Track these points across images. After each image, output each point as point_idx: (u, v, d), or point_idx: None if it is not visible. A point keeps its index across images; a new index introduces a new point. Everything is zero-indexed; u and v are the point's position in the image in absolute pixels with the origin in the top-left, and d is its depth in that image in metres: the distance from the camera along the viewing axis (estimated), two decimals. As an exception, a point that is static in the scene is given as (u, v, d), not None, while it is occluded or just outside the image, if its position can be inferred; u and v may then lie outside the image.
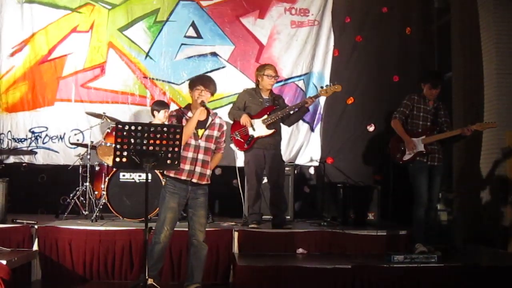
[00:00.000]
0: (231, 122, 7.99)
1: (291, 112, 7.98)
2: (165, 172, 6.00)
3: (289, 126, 8.63)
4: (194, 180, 5.93)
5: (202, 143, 5.94)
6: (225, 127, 6.26)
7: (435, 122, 7.22)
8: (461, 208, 8.62)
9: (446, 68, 9.48)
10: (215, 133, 6.11)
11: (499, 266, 6.75)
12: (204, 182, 6.01)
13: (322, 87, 7.86)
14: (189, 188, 5.94)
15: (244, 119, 7.72)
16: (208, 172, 6.06)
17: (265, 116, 7.76)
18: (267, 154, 7.83)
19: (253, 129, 7.74)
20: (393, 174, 8.67)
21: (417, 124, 7.25)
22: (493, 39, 8.17)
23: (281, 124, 8.12)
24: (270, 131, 7.76)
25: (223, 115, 9.34)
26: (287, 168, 8.64)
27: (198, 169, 5.93)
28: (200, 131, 5.91)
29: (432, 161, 7.16)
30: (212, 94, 6.23)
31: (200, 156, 5.91)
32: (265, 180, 8.12)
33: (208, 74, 9.55)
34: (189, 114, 6.00)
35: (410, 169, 7.25)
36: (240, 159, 9.39)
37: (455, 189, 8.86)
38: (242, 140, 7.80)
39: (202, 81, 6.16)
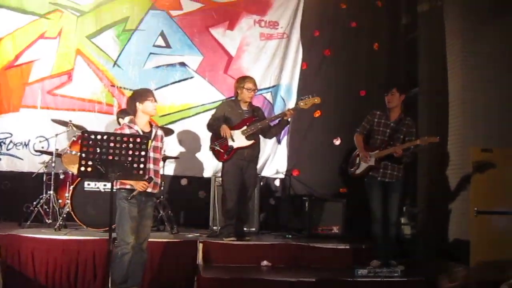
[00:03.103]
0: (210, 133, 7.97)
1: (271, 124, 8.00)
2: (118, 185, 5.97)
3: (270, 138, 8.72)
4: (149, 190, 6.05)
5: (151, 154, 6.04)
6: (164, 138, 6.49)
7: (393, 137, 7.22)
8: (425, 223, 8.68)
9: (412, 83, 9.57)
10: (159, 144, 6.29)
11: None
12: (156, 191, 6.23)
13: (301, 99, 7.81)
14: (143, 198, 6.03)
15: (224, 130, 7.69)
16: (159, 181, 6.33)
17: (245, 127, 7.74)
18: (245, 166, 7.82)
19: (233, 140, 7.70)
20: (358, 188, 8.72)
21: (376, 139, 7.30)
22: (459, 55, 8.27)
23: (261, 136, 8.11)
24: (250, 142, 7.74)
25: (190, 125, 9.43)
26: (253, 180, 8.65)
27: (154, 179, 6.03)
28: (149, 143, 5.89)
29: (383, 177, 7.18)
30: None
31: (151, 166, 6.02)
32: None
33: (176, 84, 9.66)
34: (136, 127, 6.08)
35: (365, 184, 7.32)
36: (207, 170, 9.44)
37: (419, 204, 8.93)
38: (222, 151, 7.75)
39: (152, 93, 6.30)
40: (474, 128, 8.08)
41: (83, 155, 5.20)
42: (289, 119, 7.89)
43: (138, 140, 5.33)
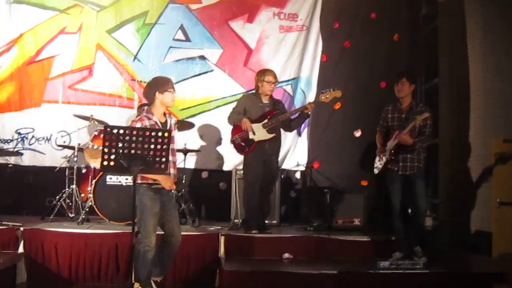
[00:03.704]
0: (231, 126, 7.99)
1: (292, 117, 8.00)
2: (140, 179, 5.81)
3: (290, 131, 8.77)
4: None
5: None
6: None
7: (405, 127, 7.08)
8: (447, 214, 8.65)
9: (433, 74, 9.53)
10: (174, 133, 6.17)
11: (483, 273, 6.78)
12: (175, 181, 6.11)
13: (322, 92, 7.80)
14: (165, 191, 5.98)
15: (245, 123, 7.70)
16: (176, 171, 6.17)
17: (266, 121, 7.75)
18: (266, 159, 7.83)
19: (254, 133, 7.72)
20: (379, 180, 8.68)
21: (393, 134, 7.21)
22: (480, 45, 8.22)
23: (281, 129, 8.13)
24: (271, 136, 7.76)
25: (211, 118, 9.45)
26: (274, 173, 8.66)
27: (172, 171, 5.99)
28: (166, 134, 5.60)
29: (404, 170, 7.09)
30: None
31: (171, 158, 5.86)
32: None
33: (196, 78, 9.67)
34: (154, 118, 5.97)
35: (386, 177, 7.29)
36: (228, 163, 9.45)
37: (441, 195, 8.89)
38: (243, 144, 7.79)
39: (172, 83, 6.14)
40: (496, 118, 8.03)
41: (105, 149, 5.21)
42: (309, 112, 7.87)
43: (160, 134, 5.33)
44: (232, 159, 9.39)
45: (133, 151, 5.22)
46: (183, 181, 8.69)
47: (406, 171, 7.08)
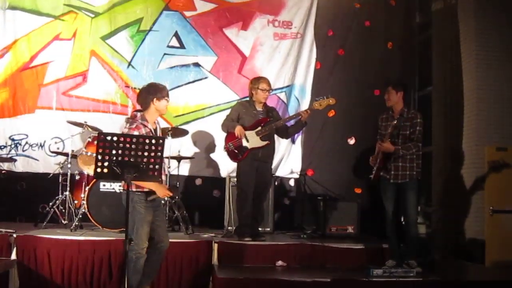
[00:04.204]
0: (225, 133, 7.99)
1: (288, 124, 8.05)
2: (135, 188, 5.81)
3: (286, 138, 8.80)
4: None
5: None
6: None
7: (398, 135, 7.09)
8: (440, 222, 8.66)
9: (427, 82, 9.55)
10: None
11: (476, 281, 6.79)
12: None
13: (316, 100, 7.82)
14: (158, 198, 5.98)
15: (238, 131, 7.70)
16: (166, 178, 6.11)
17: (259, 128, 7.75)
18: (259, 166, 7.83)
19: (247, 141, 7.72)
20: (373, 188, 8.69)
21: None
22: (473, 54, 8.25)
23: (276, 137, 8.17)
24: (264, 143, 7.76)
25: (205, 125, 9.44)
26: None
27: (163, 177, 5.99)
28: (160, 141, 5.57)
29: (395, 179, 7.09)
30: None
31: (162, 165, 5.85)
32: None
33: (191, 85, 9.67)
34: (149, 125, 5.96)
35: (379, 185, 7.31)
36: (222, 170, 9.44)
37: (434, 203, 8.90)
38: (236, 151, 7.79)
39: (167, 91, 6.11)
40: (489, 127, 8.06)
41: (99, 156, 5.20)
42: (306, 121, 7.87)
43: (154, 141, 5.33)
44: (225, 166, 9.39)
45: (126, 158, 5.21)
46: (177, 187, 8.66)
47: (398, 180, 7.08)
